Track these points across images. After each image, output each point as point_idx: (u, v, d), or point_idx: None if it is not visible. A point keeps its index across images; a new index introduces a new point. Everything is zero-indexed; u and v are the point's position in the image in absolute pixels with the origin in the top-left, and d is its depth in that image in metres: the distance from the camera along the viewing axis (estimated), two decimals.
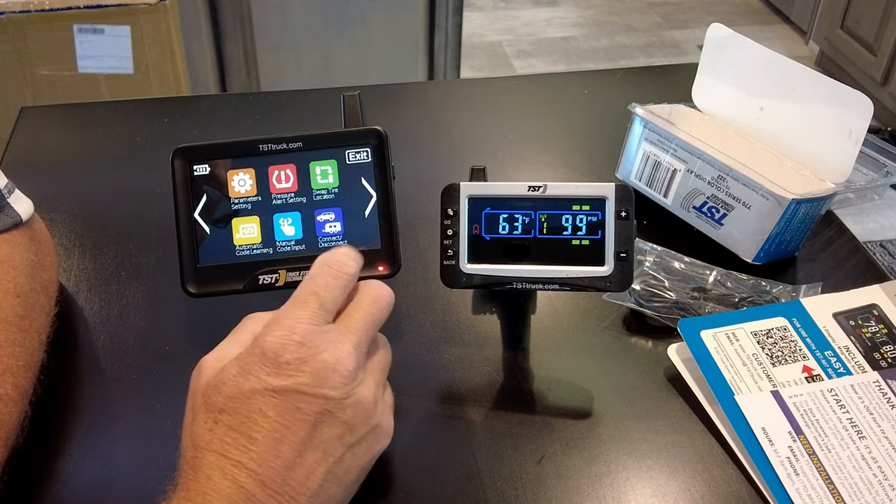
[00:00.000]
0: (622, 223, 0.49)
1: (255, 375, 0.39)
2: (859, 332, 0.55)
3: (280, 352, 0.39)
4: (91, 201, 0.70)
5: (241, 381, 0.39)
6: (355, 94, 0.56)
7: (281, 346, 0.39)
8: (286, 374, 0.39)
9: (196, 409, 0.40)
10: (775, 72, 0.66)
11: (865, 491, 0.46)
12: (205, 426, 0.39)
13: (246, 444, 0.38)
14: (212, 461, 0.38)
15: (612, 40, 3.01)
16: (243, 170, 0.52)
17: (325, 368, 0.40)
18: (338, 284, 0.43)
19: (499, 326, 0.59)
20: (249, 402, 0.39)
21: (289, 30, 1.81)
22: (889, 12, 2.35)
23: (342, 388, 0.40)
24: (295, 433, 0.39)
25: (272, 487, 0.38)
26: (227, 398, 0.39)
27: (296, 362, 0.39)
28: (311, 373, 0.39)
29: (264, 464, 0.38)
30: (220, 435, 0.38)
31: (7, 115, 1.35)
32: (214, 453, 0.38)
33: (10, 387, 0.46)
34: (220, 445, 0.38)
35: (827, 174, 0.63)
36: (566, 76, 1.00)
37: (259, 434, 0.38)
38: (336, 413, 0.40)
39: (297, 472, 0.38)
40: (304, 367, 0.39)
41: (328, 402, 0.40)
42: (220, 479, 0.37)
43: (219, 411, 0.39)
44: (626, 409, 0.52)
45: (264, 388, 0.39)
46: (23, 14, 1.42)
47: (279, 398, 0.39)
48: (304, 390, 0.39)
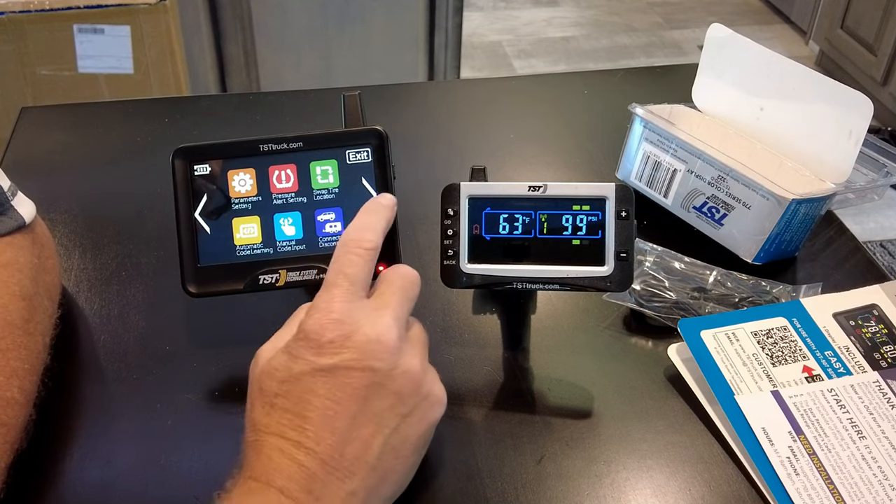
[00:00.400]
0: (622, 223, 0.49)
1: (302, 358, 0.40)
2: (859, 332, 0.55)
3: (321, 332, 0.40)
4: (91, 201, 0.70)
5: (292, 365, 0.40)
6: (355, 94, 0.56)
7: (321, 327, 0.41)
8: (331, 352, 0.40)
9: (254, 396, 0.41)
10: (775, 72, 0.66)
11: (865, 491, 0.46)
12: (262, 411, 0.40)
13: (301, 424, 0.39)
14: (272, 443, 0.39)
15: (612, 40, 3.01)
16: (243, 170, 0.52)
17: (368, 341, 0.41)
18: (361, 260, 0.44)
19: (499, 326, 0.59)
20: (300, 383, 0.40)
21: (289, 30, 1.81)
22: (889, 12, 2.35)
23: (388, 359, 0.41)
24: (347, 408, 0.39)
25: (331, 464, 0.39)
26: (280, 383, 0.40)
27: (339, 339, 0.40)
28: (354, 348, 0.40)
29: (321, 441, 0.39)
30: (276, 418, 0.39)
31: (7, 115, 1.35)
32: (273, 435, 0.39)
33: (16, 390, 0.46)
34: (278, 428, 0.39)
35: (827, 174, 0.63)
36: (566, 76, 1.00)
37: (312, 413, 0.39)
38: (385, 384, 0.41)
39: (354, 445, 0.39)
40: (348, 343, 0.40)
41: (376, 374, 0.40)
42: (280, 459, 0.38)
43: (273, 395, 0.40)
44: (626, 409, 0.52)
45: (313, 369, 0.40)
46: (23, 14, 1.42)
47: (328, 376, 0.40)
48: (351, 365, 0.40)
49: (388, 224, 0.47)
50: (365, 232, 0.45)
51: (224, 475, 0.41)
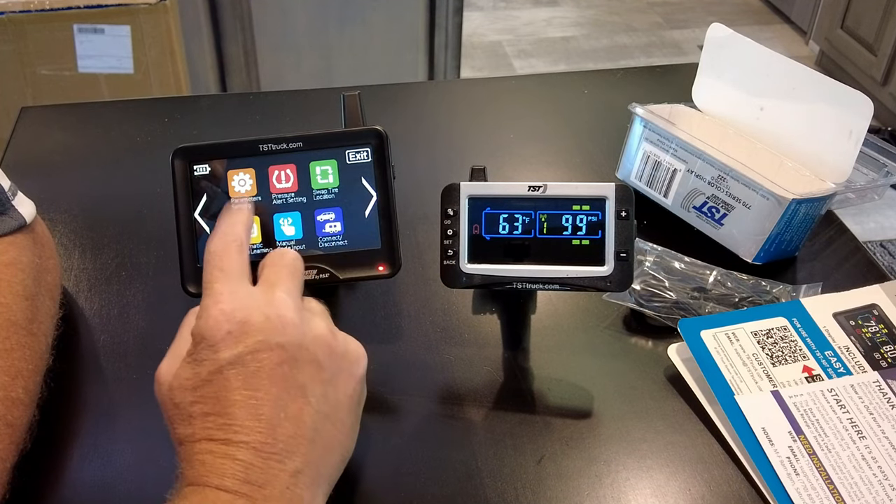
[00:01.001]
0: (622, 223, 0.49)
1: (206, 359, 0.39)
2: (859, 332, 0.55)
3: (216, 327, 0.39)
4: (91, 201, 0.70)
5: (199, 370, 0.39)
6: (355, 94, 0.56)
7: (214, 322, 0.40)
8: (232, 343, 0.39)
9: (170, 415, 0.40)
10: (775, 72, 0.66)
11: (865, 491, 0.46)
12: (183, 424, 0.39)
13: (225, 422, 0.38)
14: (202, 448, 0.38)
15: (612, 40, 3.01)
16: (243, 170, 0.52)
17: (267, 319, 0.40)
18: (230, 250, 0.43)
19: (499, 326, 0.59)
20: (213, 384, 0.39)
21: (289, 30, 1.81)
22: (889, 12, 2.35)
23: (292, 331, 0.40)
24: (267, 392, 0.39)
25: (266, 450, 0.38)
26: (193, 391, 0.39)
27: (236, 328, 0.39)
28: (255, 331, 0.39)
29: (250, 431, 0.38)
30: (199, 425, 0.39)
31: (7, 115, 1.35)
32: (201, 441, 0.38)
33: (21, 390, 0.46)
34: (204, 433, 0.38)
35: (827, 174, 0.63)
36: (566, 76, 1.00)
37: (234, 407, 0.38)
38: (298, 356, 0.40)
39: (285, 426, 0.39)
40: (247, 329, 0.39)
41: (285, 349, 0.40)
42: (213, 460, 0.37)
43: (190, 405, 0.39)
44: (626, 409, 0.52)
45: (220, 366, 0.39)
46: (23, 14, 1.42)
47: (238, 367, 0.39)
48: (258, 348, 0.39)
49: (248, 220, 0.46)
50: (227, 231, 0.44)
51: None
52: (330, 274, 0.51)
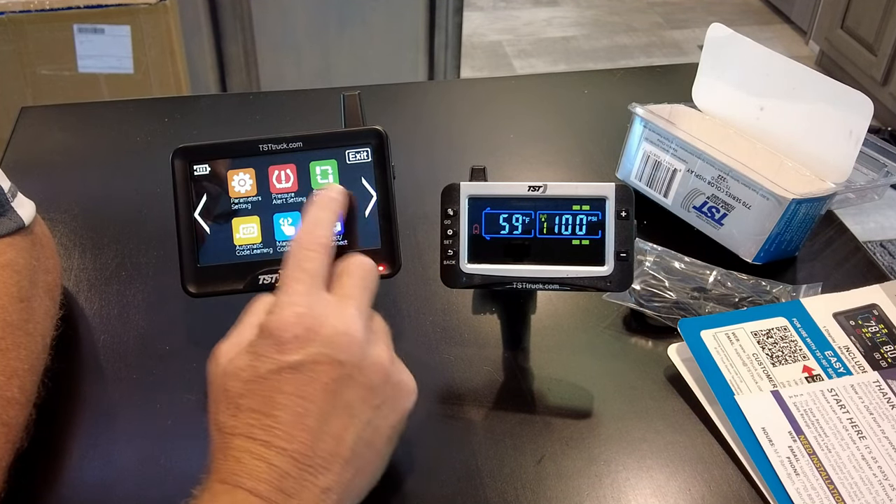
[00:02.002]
0: (622, 223, 0.49)
1: (267, 357, 0.39)
2: (859, 332, 0.55)
3: (285, 328, 0.40)
4: (91, 201, 0.70)
5: (257, 365, 0.39)
6: (355, 94, 0.56)
7: (285, 323, 0.40)
8: (296, 347, 0.39)
9: (217, 398, 0.40)
10: (775, 72, 0.66)
11: (865, 491, 0.46)
12: (227, 413, 0.39)
13: (270, 423, 0.38)
14: (240, 444, 0.38)
15: (612, 40, 3.01)
16: (243, 170, 0.52)
17: (335, 334, 0.40)
18: (318, 255, 0.43)
19: (499, 326, 0.59)
20: (266, 382, 0.39)
21: (289, 30, 1.81)
22: (889, 12, 2.35)
23: (356, 350, 0.40)
24: (317, 404, 0.39)
25: (303, 461, 0.38)
26: (245, 383, 0.39)
27: (304, 334, 0.40)
28: (320, 342, 0.40)
29: (292, 439, 0.38)
30: (244, 419, 0.39)
31: (7, 115, 1.35)
32: (241, 437, 0.38)
33: (16, 390, 0.46)
34: (246, 429, 0.38)
35: (827, 174, 0.63)
36: (566, 76, 1.00)
37: (281, 411, 0.38)
38: (355, 376, 0.40)
39: (326, 441, 0.39)
40: (313, 338, 0.40)
41: (344, 366, 0.40)
42: (249, 461, 0.37)
43: (238, 396, 0.39)
44: (626, 409, 0.52)
45: (279, 367, 0.39)
46: (23, 14, 1.42)
47: (295, 373, 0.39)
48: (319, 360, 0.39)
49: (336, 216, 0.46)
50: (316, 227, 0.44)
51: None
52: None
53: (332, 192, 0.47)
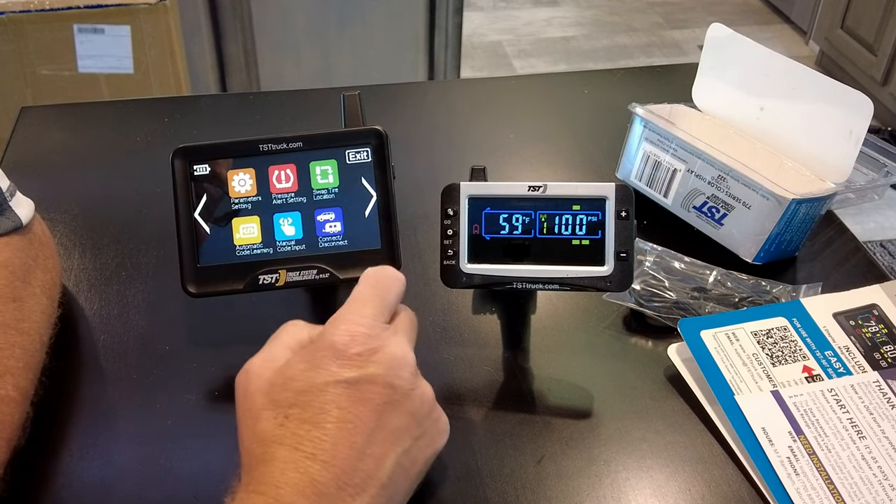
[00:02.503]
0: (622, 223, 0.49)
1: (325, 368, 0.40)
2: (859, 332, 0.55)
3: (349, 344, 0.40)
4: (91, 201, 0.70)
5: (312, 375, 0.40)
6: (355, 94, 0.56)
7: (350, 339, 0.40)
8: (357, 364, 0.40)
9: (259, 409, 0.40)
10: (775, 72, 0.66)
11: (865, 491, 0.46)
12: (274, 422, 0.39)
13: (319, 435, 0.38)
14: (285, 455, 0.38)
15: (612, 40, 3.01)
16: (243, 170, 0.52)
17: (393, 359, 0.41)
18: (397, 289, 0.45)
19: (499, 326, 0.59)
20: (322, 394, 0.39)
21: (289, 30, 1.81)
22: (889, 12, 2.35)
23: (409, 378, 0.41)
24: (365, 422, 0.39)
25: (343, 479, 0.38)
26: (298, 393, 0.40)
27: (366, 353, 0.40)
28: (380, 363, 0.40)
29: (337, 454, 0.38)
30: (292, 429, 0.39)
31: (7, 115, 1.35)
32: (287, 447, 0.38)
33: (10, 388, 0.46)
34: (293, 439, 0.38)
35: (827, 174, 0.63)
36: (566, 76, 1.00)
37: (331, 424, 0.39)
38: (403, 403, 0.41)
39: (367, 462, 0.39)
40: (374, 358, 0.40)
41: (395, 391, 0.40)
42: (293, 473, 0.37)
43: (289, 406, 0.39)
44: (626, 409, 0.52)
45: (336, 381, 0.39)
46: (23, 14, 1.42)
47: (351, 389, 0.39)
48: (375, 380, 0.40)
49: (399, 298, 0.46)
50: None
51: (223, 475, 0.41)
52: (330, 274, 0.51)
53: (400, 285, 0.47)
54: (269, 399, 0.40)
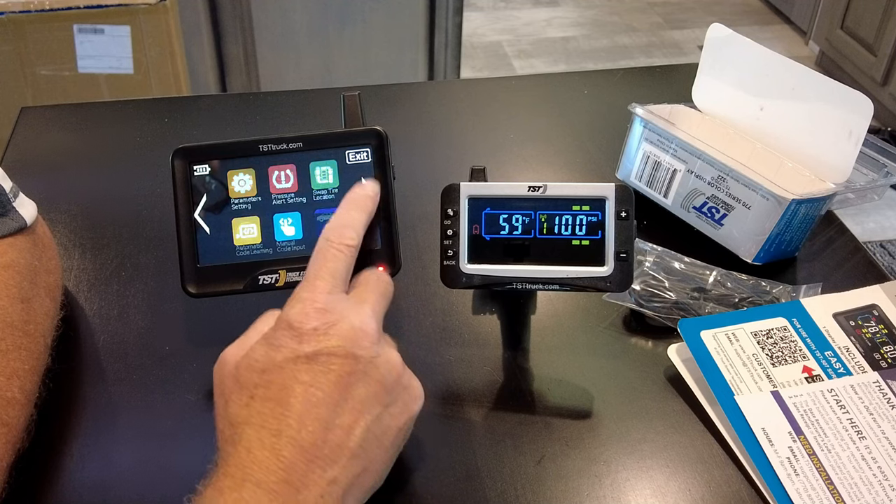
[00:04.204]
0: (622, 223, 0.49)
1: (284, 346, 0.40)
2: (859, 332, 0.55)
3: (305, 320, 0.41)
4: (91, 201, 0.70)
5: (273, 354, 0.40)
6: (355, 94, 0.56)
7: (305, 315, 0.41)
8: (315, 339, 0.40)
9: (228, 392, 0.41)
10: (775, 72, 0.66)
11: (865, 491, 0.46)
12: (240, 403, 0.40)
13: (283, 411, 0.39)
14: (251, 434, 0.38)
15: (612, 40, 3.01)
16: (243, 170, 0.52)
17: (352, 329, 0.41)
18: (343, 256, 0.44)
19: (499, 326, 0.59)
20: (283, 371, 0.40)
21: (289, 30, 1.81)
22: (889, 12, 2.35)
23: (371, 347, 0.41)
24: (329, 394, 0.39)
25: (312, 451, 0.38)
26: (260, 373, 0.40)
27: (323, 327, 0.41)
28: (339, 335, 0.40)
29: (302, 428, 0.38)
30: (257, 408, 0.39)
31: (7, 115, 1.35)
32: (253, 426, 0.39)
33: (16, 390, 0.46)
34: (259, 418, 0.39)
35: (827, 174, 0.63)
36: (566, 76, 1.00)
37: (294, 400, 0.39)
38: (368, 372, 0.41)
39: (336, 432, 0.39)
40: (332, 331, 0.41)
41: (358, 361, 0.40)
42: (259, 451, 0.38)
43: (254, 387, 0.40)
44: (626, 409, 0.52)
45: (296, 356, 0.40)
46: (23, 14, 1.42)
47: (311, 363, 0.40)
48: (335, 352, 0.40)
49: (369, 217, 0.47)
50: (347, 229, 0.45)
51: None
52: None
53: (369, 191, 0.48)
54: (237, 382, 0.41)
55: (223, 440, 0.40)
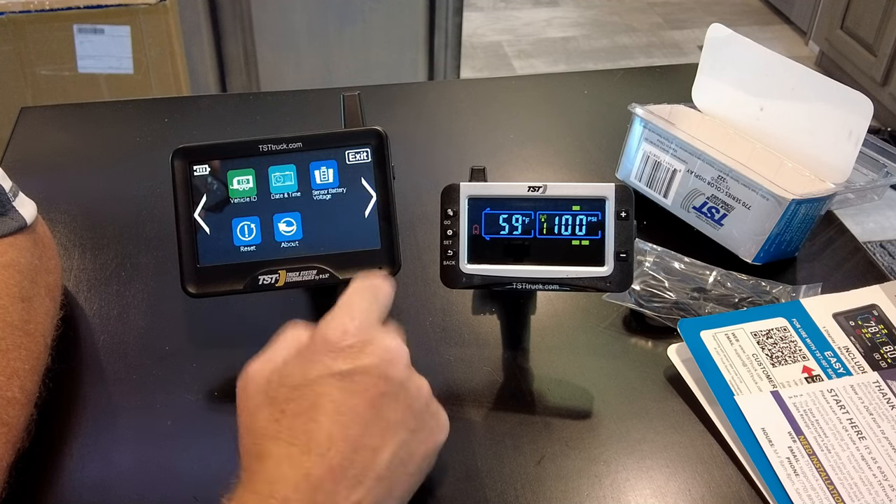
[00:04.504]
0: (622, 223, 0.49)
1: (318, 362, 0.40)
2: (859, 332, 0.55)
3: (342, 337, 0.40)
4: (91, 201, 0.70)
5: (307, 369, 0.40)
6: (355, 94, 0.56)
7: (343, 332, 0.41)
8: (350, 356, 0.40)
9: (257, 407, 0.40)
10: (775, 72, 0.66)
11: (865, 491, 0.46)
12: (270, 418, 0.39)
13: (313, 428, 0.38)
14: (279, 451, 0.38)
15: (612, 40, 3.01)
16: (243, 170, 0.52)
17: (387, 351, 0.41)
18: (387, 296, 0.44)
19: (499, 326, 0.59)
20: (315, 387, 0.39)
21: (289, 30, 1.81)
22: (889, 12, 2.35)
23: (404, 370, 0.41)
24: (360, 414, 0.39)
25: (338, 471, 0.38)
26: (292, 388, 0.40)
27: (358, 345, 0.40)
28: (373, 355, 0.40)
29: (332, 447, 0.38)
30: (286, 424, 0.39)
31: (7, 115, 1.35)
32: (282, 442, 0.38)
33: (17, 390, 0.46)
34: (288, 434, 0.38)
35: (827, 174, 0.63)
36: (566, 76, 1.00)
37: (325, 417, 0.38)
38: (399, 395, 0.41)
39: (363, 454, 0.39)
40: (367, 350, 0.40)
41: (390, 383, 0.40)
42: (286, 469, 0.37)
43: (284, 401, 0.39)
44: (626, 409, 0.52)
45: (330, 373, 0.39)
46: (23, 14, 1.42)
47: (344, 380, 0.39)
48: (369, 371, 0.40)
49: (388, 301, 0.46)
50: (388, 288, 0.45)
51: (223, 475, 0.41)
52: (329, 274, 0.51)
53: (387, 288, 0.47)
54: (266, 397, 0.40)
55: (248, 455, 0.39)
